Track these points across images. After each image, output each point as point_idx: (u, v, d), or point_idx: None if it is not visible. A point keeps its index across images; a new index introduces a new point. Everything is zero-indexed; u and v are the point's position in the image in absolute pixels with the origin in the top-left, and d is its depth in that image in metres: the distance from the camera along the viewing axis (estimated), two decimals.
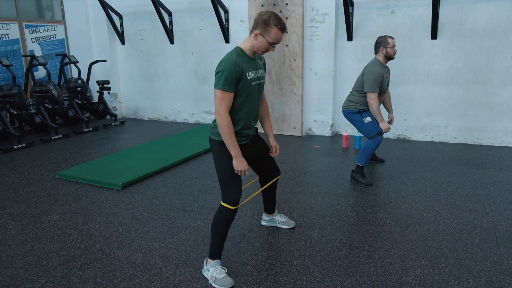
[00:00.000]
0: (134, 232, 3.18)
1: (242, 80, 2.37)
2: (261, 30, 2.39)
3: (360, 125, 4.18)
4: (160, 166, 4.65)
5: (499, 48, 5.20)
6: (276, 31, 2.38)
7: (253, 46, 2.44)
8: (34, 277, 2.57)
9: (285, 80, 6.18)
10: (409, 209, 3.54)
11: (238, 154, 2.41)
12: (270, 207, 3.17)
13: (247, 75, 2.41)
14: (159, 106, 7.76)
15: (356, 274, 2.59)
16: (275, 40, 2.41)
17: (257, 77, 2.51)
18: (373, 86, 3.99)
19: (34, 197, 3.93)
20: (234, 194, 2.50)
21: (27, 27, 7.25)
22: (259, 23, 2.39)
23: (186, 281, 2.52)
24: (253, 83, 2.47)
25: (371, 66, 4.09)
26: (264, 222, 3.26)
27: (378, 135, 4.06)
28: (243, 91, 2.41)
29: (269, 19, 2.37)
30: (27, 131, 6.61)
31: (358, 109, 4.15)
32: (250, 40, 2.45)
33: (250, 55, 2.48)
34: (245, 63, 2.41)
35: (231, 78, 2.31)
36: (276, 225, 3.22)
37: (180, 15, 7.07)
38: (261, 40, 2.40)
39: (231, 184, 2.50)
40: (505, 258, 2.74)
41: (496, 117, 5.42)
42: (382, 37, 4.14)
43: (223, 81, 2.30)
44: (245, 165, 2.43)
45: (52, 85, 6.81)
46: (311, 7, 5.92)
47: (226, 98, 2.33)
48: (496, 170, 4.52)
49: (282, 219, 3.22)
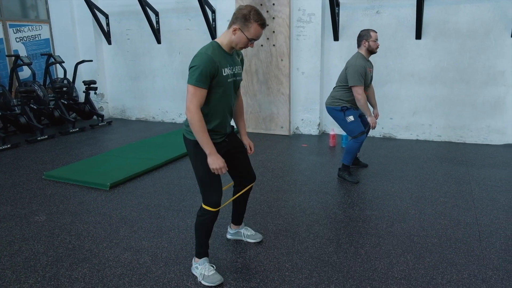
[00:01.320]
0: (122, 231, 3.18)
1: (217, 76, 2.27)
2: (240, 25, 2.27)
3: (343, 123, 4.16)
4: (148, 166, 4.64)
5: (482, 48, 5.32)
6: (256, 27, 2.27)
7: (231, 41, 2.33)
8: (22, 277, 2.56)
9: (273, 79, 6.22)
10: (395, 206, 3.61)
11: (212, 151, 2.28)
12: (238, 217, 2.96)
13: (222, 71, 2.30)
14: (147, 106, 7.73)
15: (343, 269, 2.63)
16: (254, 37, 2.30)
17: (233, 73, 2.40)
18: (358, 80, 3.93)
19: (21, 198, 3.89)
20: (215, 195, 2.42)
21: (11, 27, 7.15)
22: (238, 17, 2.27)
23: (176, 279, 2.54)
24: (229, 80, 2.37)
25: (354, 59, 4.03)
26: (229, 236, 3.04)
27: (360, 135, 4.07)
28: (218, 87, 2.31)
29: (249, 14, 2.25)
30: (12, 132, 6.53)
31: (341, 107, 4.11)
32: (228, 34, 2.33)
33: (227, 50, 2.36)
34: (221, 58, 2.31)
35: (205, 74, 2.21)
36: (241, 238, 3.00)
37: (167, 15, 7.05)
38: (240, 35, 2.29)
39: (211, 185, 2.42)
40: (487, 252, 2.81)
41: (478, 116, 5.54)
42: (364, 30, 4.08)
43: (196, 77, 2.20)
44: (220, 162, 2.30)
45: (38, 85, 6.73)
46: (297, 7, 5.97)
47: (198, 94, 2.22)
48: (479, 167, 4.62)
49: (248, 232, 3.00)
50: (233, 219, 3.00)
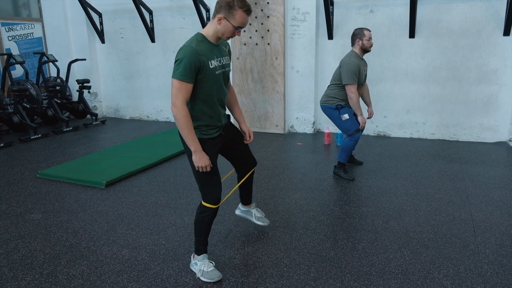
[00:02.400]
0: (119, 229, 3.17)
1: (204, 69, 2.22)
2: (225, 14, 2.22)
3: (338, 122, 4.18)
4: (143, 164, 4.63)
5: (474, 47, 5.38)
6: (241, 14, 2.21)
7: (216, 31, 2.27)
8: (20, 275, 2.54)
9: (267, 78, 6.23)
10: (391, 203, 3.64)
11: (197, 149, 2.25)
12: (247, 198, 3.01)
13: (209, 63, 2.25)
14: (141, 105, 7.70)
15: (341, 265, 2.65)
16: (240, 24, 2.24)
17: (221, 65, 2.35)
18: (351, 78, 3.96)
19: (16, 196, 3.86)
20: (214, 192, 2.42)
21: (3, 25, 7.09)
22: (222, 6, 2.22)
23: (174, 275, 2.54)
24: (217, 72, 2.32)
25: (348, 58, 4.05)
26: (238, 212, 3.10)
27: (356, 133, 4.10)
28: (207, 81, 2.26)
29: (233, 1, 2.20)
30: (5, 131, 6.47)
31: (335, 105, 4.13)
32: (213, 25, 2.27)
33: (213, 41, 2.31)
34: (207, 50, 2.25)
35: (190, 67, 2.15)
36: (250, 218, 3.05)
37: (161, 14, 7.03)
38: (225, 24, 2.23)
39: (210, 182, 2.40)
40: (482, 247, 2.85)
41: (471, 114, 5.60)
42: (358, 29, 4.11)
43: (181, 71, 2.14)
44: (206, 160, 2.28)
45: (31, 84, 6.67)
46: (292, 6, 5.99)
47: (183, 89, 2.16)
48: (472, 164, 4.67)
49: (258, 214, 3.05)
50: (242, 201, 3.04)
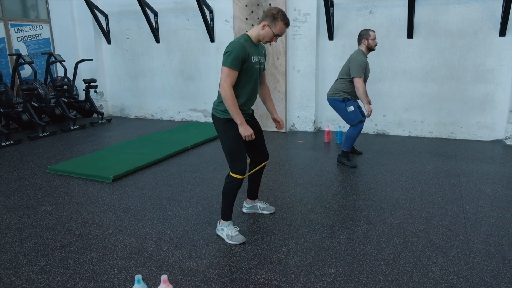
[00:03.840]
0: (126, 220, 3.34)
1: (247, 61, 2.69)
2: (269, 22, 2.72)
3: (344, 113, 4.54)
4: (149, 160, 4.80)
5: (471, 47, 5.52)
6: (281, 25, 2.74)
7: (259, 35, 2.78)
8: (33, 260, 2.71)
9: (269, 77, 6.38)
10: (386, 196, 3.78)
11: (243, 122, 2.74)
12: (254, 192, 3.37)
13: (252, 58, 2.72)
14: (145, 104, 7.88)
15: (336, 252, 2.80)
16: (279, 33, 2.76)
17: (259, 61, 2.83)
18: (359, 72, 4.34)
19: (27, 190, 4.04)
20: (242, 164, 2.84)
21: (12, 26, 7.29)
22: (268, 15, 2.73)
23: (179, 262, 2.70)
24: (256, 66, 2.79)
25: (356, 54, 4.46)
26: (245, 210, 3.46)
27: (359, 123, 4.45)
28: (248, 71, 2.73)
29: (277, 14, 2.72)
30: (14, 129, 6.66)
31: (342, 98, 4.49)
32: (258, 29, 2.78)
33: (255, 42, 2.81)
34: (251, 47, 2.74)
35: (237, 58, 2.63)
36: (257, 211, 3.43)
37: (165, 15, 7.21)
38: (267, 30, 2.74)
39: (238, 155, 2.84)
40: (471, 237, 2.99)
41: (468, 112, 5.73)
42: (364, 30, 4.54)
43: (231, 60, 2.62)
44: (250, 130, 2.76)
45: (39, 84, 6.87)
46: (293, 7, 6.14)
47: (231, 75, 2.65)
48: (468, 161, 4.81)
49: (262, 205, 3.44)
50: (249, 195, 3.41)
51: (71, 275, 2.54)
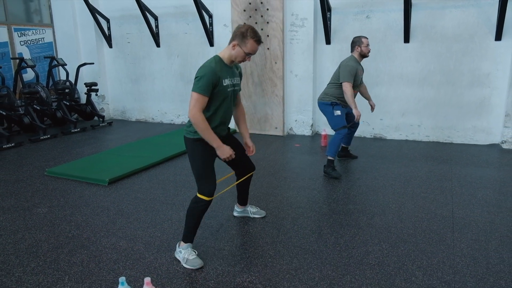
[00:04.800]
0: (119, 222, 3.40)
1: (218, 85, 2.61)
2: (238, 41, 2.64)
3: (330, 116, 4.56)
4: (145, 164, 4.86)
5: (467, 51, 5.53)
6: (252, 43, 2.64)
7: (230, 55, 2.69)
8: (25, 262, 2.78)
9: (267, 82, 6.44)
10: (377, 201, 3.81)
11: (219, 145, 2.66)
12: (243, 199, 3.41)
13: (223, 81, 2.64)
14: (146, 108, 7.96)
15: (322, 256, 2.84)
16: (251, 51, 2.66)
17: (232, 84, 2.75)
18: (348, 77, 4.35)
19: (24, 192, 4.12)
20: (209, 186, 2.71)
21: (15, 30, 7.41)
22: (237, 35, 2.65)
23: (166, 264, 2.75)
24: (229, 89, 2.71)
25: (347, 60, 4.48)
26: (236, 213, 3.49)
27: (342, 128, 4.45)
28: (219, 95, 2.66)
29: (247, 32, 2.63)
30: (16, 131, 6.77)
31: (331, 102, 4.51)
32: (228, 50, 2.69)
33: (228, 63, 2.72)
34: (222, 70, 2.65)
35: (208, 83, 2.55)
36: (248, 215, 3.47)
37: (166, 19, 7.29)
38: (238, 50, 2.65)
39: (206, 177, 2.72)
40: (458, 241, 3.02)
41: (465, 117, 5.74)
42: (357, 37, 4.55)
43: (200, 85, 2.55)
44: (229, 151, 2.69)
45: (41, 87, 6.98)
46: (291, 12, 6.19)
47: (201, 100, 2.57)
48: (462, 165, 4.82)
49: (253, 209, 3.48)
50: (238, 201, 3.44)
51: (61, 277, 2.60)
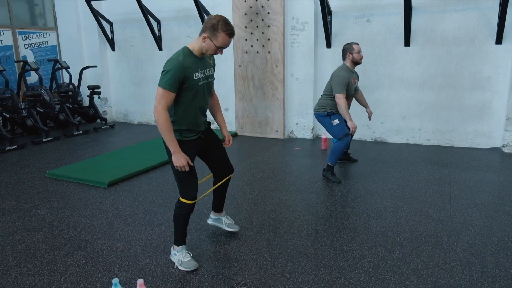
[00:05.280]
0: (117, 224, 3.42)
1: (188, 80, 2.45)
2: (209, 34, 2.44)
3: (329, 127, 4.50)
4: (145, 166, 4.89)
5: (467, 55, 5.52)
6: (223, 36, 2.44)
7: (201, 47, 2.50)
8: (23, 263, 2.81)
9: (268, 85, 6.46)
10: (375, 204, 3.81)
11: (176, 150, 2.49)
12: (218, 205, 3.17)
13: (193, 75, 2.48)
14: (148, 110, 8.00)
15: (317, 260, 2.84)
16: (222, 45, 2.47)
17: (205, 76, 2.58)
18: (341, 88, 4.26)
19: (24, 194, 4.16)
20: (191, 190, 2.65)
21: (20, 34, 7.49)
22: (207, 27, 2.44)
23: (162, 266, 2.77)
24: (201, 83, 2.55)
25: (338, 71, 4.40)
26: (210, 221, 3.24)
27: (345, 136, 4.36)
28: (190, 90, 2.49)
29: (218, 24, 2.42)
30: (19, 133, 6.83)
31: (327, 112, 4.45)
32: (199, 41, 2.49)
33: (198, 55, 2.53)
34: (192, 63, 2.48)
35: (174, 78, 2.38)
36: (221, 225, 3.20)
37: (168, 23, 7.35)
38: (209, 43, 2.46)
39: (188, 180, 2.64)
40: (454, 245, 3.01)
41: (466, 120, 5.72)
42: (347, 44, 4.47)
43: (166, 80, 2.38)
44: (183, 160, 2.50)
45: (44, 90, 7.04)
46: (291, 15, 6.22)
47: (166, 96, 2.40)
48: (462, 169, 4.80)
49: (228, 221, 3.20)
50: (213, 207, 3.20)
51: (57, 278, 2.63)
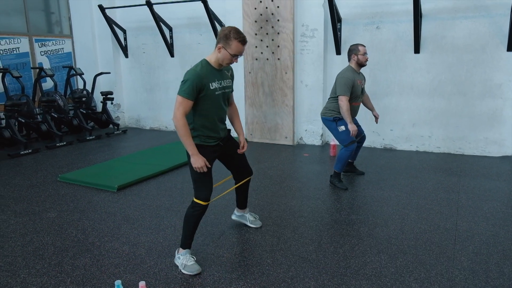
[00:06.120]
0: (124, 228, 3.49)
1: (205, 89, 2.64)
2: (223, 44, 2.64)
3: (335, 133, 4.46)
4: (154, 171, 4.97)
5: (478, 62, 5.48)
6: (236, 44, 2.63)
7: (217, 58, 2.71)
8: (31, 264, 2.89)
9: (277, 91, 6.50)
10: (380, 212, 3.80)
11: (194, 153, 2.66)
12: (242, 202, 3.43)
13: (210, 85, 2.67)
14: (160, 116, 8.12)
15: (319, 266, 2.86)
16: (236, 52, 2.65)
17: (221, 87, 2.77)
18: (344, 90, 4.20)
19: (36, 197, 4.27)
20: (206, 191, 2.78)
21: (36, 41, 7.70)
22: (221, 37, 2.65)
23: (166, 269, 2.81)
24: (217, 93, 2.73)
25: (343, 72, 4.33)
26: (234, 217, 3.53)
27: (351, 143, 4.33)
28: (207, 99, 2.68)
29: (229, 33, 2.62)
30: (34, 138, 7.00)
31: (333, 117, 4.40)
32: (215, 53, 2.71)
33: (216, 67, 2.74)
34: (209, 74, 2.68)
35: (192, 87, 2.58)
36: (245, 222, 3.47)
37: (180, 30, 7.46)
38: (224, 52, 2.66)
39: (203, 182, 2.78)
40: (458, 254, 2.99)
41: (476, 128, 5.67)
42: (353, 45, 4.39)
43: (185, 89, 2.58)
44: (201, 162, 2.66)
45: (59, 96, 7.21)
46: (301, 23, 6.26)
47: (184, 104, 2.60)
48: (471, 177, 4.75)
49: (251, 217, 3.48)
50: (238, 204, 3.46)
51: (63, 279, 2.69)
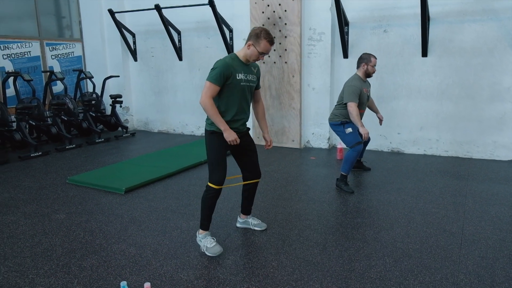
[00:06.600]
0: (131, 230, 3.53)
1: (231, 78, 2.89)
2: (253, 42, 2.92)
3: (342, 135, 4.56)
4: (162, 174, 5.01)
5: (486, 65, 5.45)
6: (265, 43, 2.91)
7: (245, 54, 2.98)
8: (39, 265, 2.94)
9: (284, 95, 6.52)
10: (386, 215, 3.80)
11: (226, 128, 2.90)
12: (246, 208, 3.49)
13: (236, 75, 2.92)
14: (168, 119, 8.19)
15: (323, 269, 2.86)
16: (264, 51, 2.93)
17: (247, 79, 3.01)
18: (352, 97, 4.36)
19: (45, 198, 4.33)
20: (219, 175, 2.99)
21: (47, 45, 7.82)
22: (252, 35, 2.93)
23: (171, 271, 2.84)
24: (242, 84, 2.97)
25: (350, 80, 4.49)
26: (238, 224, 3.57)
27: (357, 145, 4.40)
28: (232, 87, 2.92)
29: (260, 33, 2.91)
30: (44, 141, 7.10)
31: (340, 121, 4.53)
32: (244, 49, 2.98)
33: (244, 61, 3.00)
34: (236, 65, 2.94)
35: (220, 74, 2.84)
36: (249, 227, 3.53)
37: (188, 34, 7.53)
38: (252, 49, 2.93)
39: (217, 166, 3.00)
40: (464, 258, 2.98)
41: (485, 131, 5.63)
42: (367, 54, 4.52)
43: (213, 75, 2.85)
44: (234, 135, 2.91)
45: (69, 99, 7.32)
46: (308, 26, 6.28)
47: (212, 88, 2.85)
48: (479, 181, 4.72)
49: (254, 221, 3.53)
50: (242, 209, 3.54)
51: (70, 280, 2.74)
